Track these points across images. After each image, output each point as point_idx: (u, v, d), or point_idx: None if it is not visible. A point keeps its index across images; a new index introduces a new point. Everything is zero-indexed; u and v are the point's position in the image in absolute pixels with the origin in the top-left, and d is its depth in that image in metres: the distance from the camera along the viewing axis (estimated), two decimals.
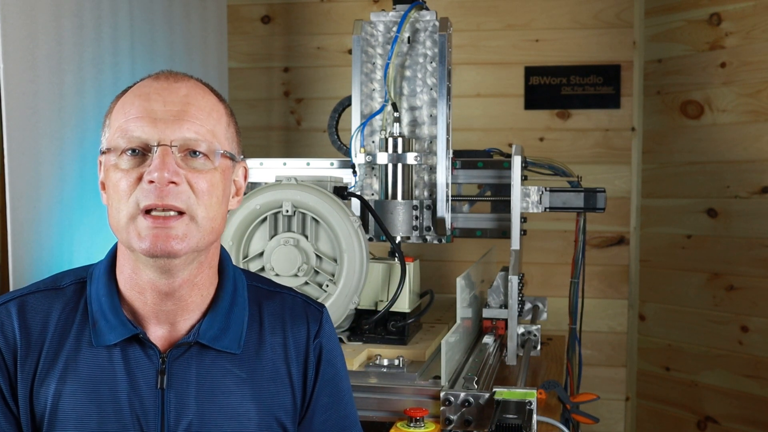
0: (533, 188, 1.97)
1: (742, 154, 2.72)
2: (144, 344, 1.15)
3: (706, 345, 2.84)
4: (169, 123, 1.09)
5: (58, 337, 1.15)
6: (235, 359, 1.18)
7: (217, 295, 1.20)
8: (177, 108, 1.10)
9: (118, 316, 1.14)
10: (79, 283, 1.20)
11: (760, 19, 2.66)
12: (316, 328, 1.25)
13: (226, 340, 1.17)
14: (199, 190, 1.10)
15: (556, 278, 2.97)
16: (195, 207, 1.09)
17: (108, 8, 2.16)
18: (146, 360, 1.14)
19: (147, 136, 1.08)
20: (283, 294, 1.28)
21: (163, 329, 1.16)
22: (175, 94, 1.11)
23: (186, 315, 1.17)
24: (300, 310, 1.26)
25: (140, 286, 1.15)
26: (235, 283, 1.23)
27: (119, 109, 1.13)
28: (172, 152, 1.08)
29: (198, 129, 1.10)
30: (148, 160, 1.08)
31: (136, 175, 1.08)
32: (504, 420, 1.42)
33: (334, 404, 1.26)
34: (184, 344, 1.16)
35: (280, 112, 3.33)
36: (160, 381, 1.14)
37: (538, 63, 3.09)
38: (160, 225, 1.07)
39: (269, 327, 1.23)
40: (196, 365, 1.16)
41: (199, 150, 1.10)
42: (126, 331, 1.13)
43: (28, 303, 1.17)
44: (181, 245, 1.09)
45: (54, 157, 1.90)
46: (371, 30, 2.10)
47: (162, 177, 1.06)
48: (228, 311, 1.19)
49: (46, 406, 1.12)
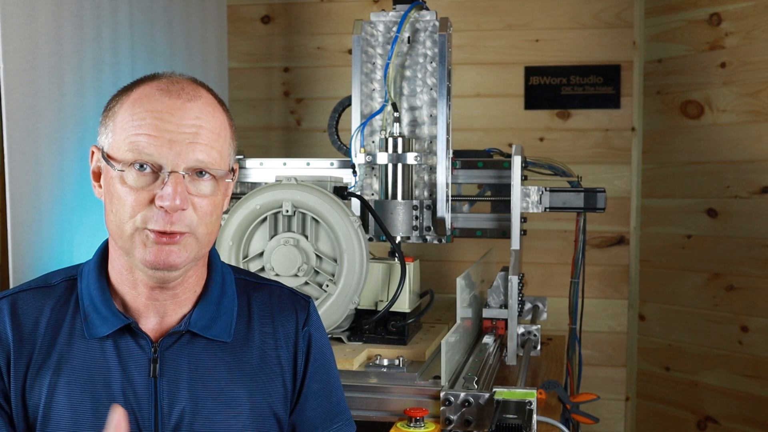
0: (533, 188, 1.97)
1: (742, 154, 2.72)
2: (136, 334, 1.17)
3: (706, 345, 2.84)
4: (183, 146, 1.10)
5: (50, 332, 1.17)
6: (226, 348, 1.21)
7: (207, 287, 1.23)
8: (190, 131, 1.12)
9: (109, 308, 1.17)
10: (69, 280, 1.22)
11: (760, 19, 2.66)
12: (304, 317, 1.29)
13: (217, 329, 1.20)
14: (203, 212, 1.13)
15: (556, 278, 2.97)
16: (197, 227, 1.13)
17: (108, 8, 2.16)
18: (138, 350, 1.17)
19: (161, 158, 1.10)
20: (270, 286, 1.32)
21: (155, 320, 1.19)
22: (189, 115, 1.12)
23: (177, 308, 1.20)
24: (287, 300, 1.30)
25: (132, 281, 1.17)
26: (224, 277, 1.27)
27: (127, 117, 1.13)
28: (183, 178, 1.10)
29: (209, 152, 1.13)
30: (157, 180, 1.10)
31: (146, 196, 1.10)
32: (504, 420, 1.42)
33: (324, 391, 1.29)
34: (176, 333, 1.18)
35: (280, 112, 3.33)
36: (152, 370, 1.16)
37: (538, 63, 3.09)
38: (165, 242, 1.11)
39: (258, 317, 1.26)
40: (187, 354, 1.18)
41: (207, 171, 1.13)
42: (118, 322, 1.16)
43: (19, 301, 1.19)
44: (180, 259, 1.13)
45: (54, 157, 1.90)
46: (371, 30, 2.10)
47: (174, 205, 1.09)
48: (218, 302, 1.23)
49: (40, 400, 1.14)
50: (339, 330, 1.85)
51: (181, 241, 1.12)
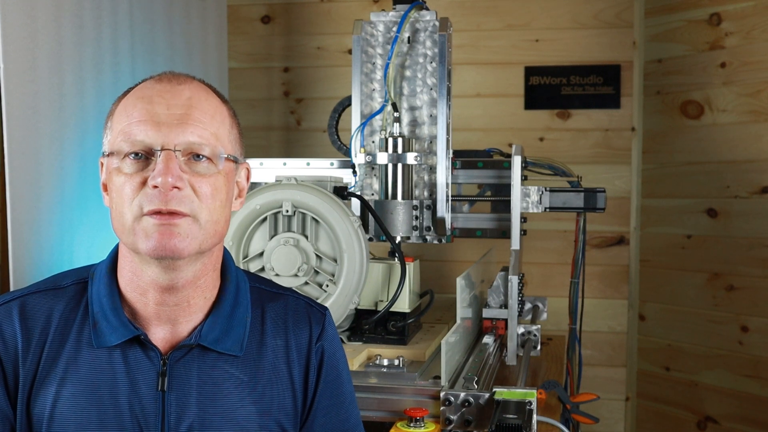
0: (533, 188, 1.97)
1: (742, 154, 2.72)
2: (145, 346, 1.14)
3: (706, 345, 2.84)
4: (172, 127, 1.09)
5: (59, 337, 1.14)
6: (236, 361, 1.17)
7: (220, 297, 1.20)
8: (180, 111, 1.10)
9: (119, 317, 1.14)
10: (80, 283, 1.19)
11: (760, 19, 2.66)
12: (318, 331, 1.25)
13: (228, 343, 1.17)
14: (203, 194, 1.10)
15: (556, 278, 2.97)
16: (198, 210, 1.09)
17: (108, 8, 2.16)
18: (147, 362, 1.14)
19: (150, 140, 1.08)
20: (286, 296, 1.28)
21: (165, 331, 1.16)
22: (179, 97, 1.11)
23: (188, 316, 1.16)
24: (303, 312, 1.26)
25: (141, 287, 1.14)
26: (238, 285, 1.22)
27: (121, 111, 1.13)
28: (175, 157, 1.08)
29: (201, 133, 1.10)
30: (151, 164, 1.08)
31: (140, 180, 1.08)
32: (504, 420, 1.42)
33: (335, 407, 1.26)
34: (186, 346, 1.15)
35: (280, 112, 3.33)
36: (161, 383, 1.13)
37: (538, 63, 3.09)
38: (165, 222, 1.07)
39: (271, 329, 1.22)
40: (197, 367, 1.15)
41: (202, 154, 1.10)
42: (127, 332, 1.13)
43: (29, 303, 1.16)
44: (184, 244, 1.08)
45: (54, 157, 1.90)
46: (371, 30, 2.10)
47: (166, 182, 1.06)
48: (230, 313, 1.19)
49: (45, 407, 1.12)
50: (339, 330, 1.85)
51: (181, 223, 1.08)
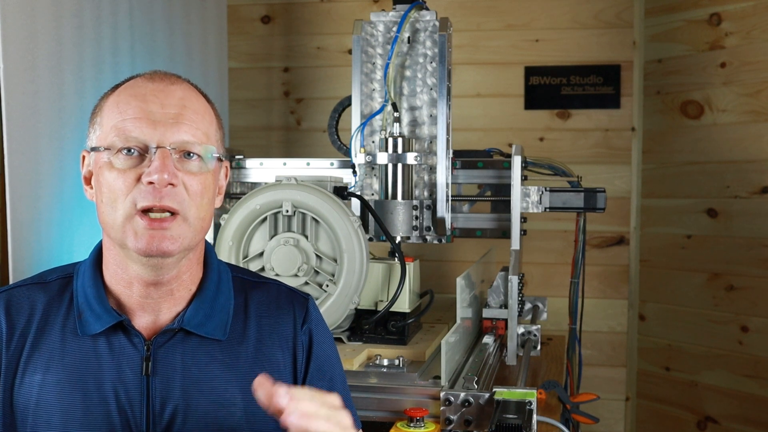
0: (533, 188, 1.97)
1: (742, 154, 2.72)
2: (129, 332, 1.17)
3: (706, 345, 2.84)
4: (167, 126, 1.12)
5: (42, 327, 1.17)
6: (220, 345, 1.20)
7: (202, 285, 1.22)
8: (174, 111, 1.13)
9: (103, 305, 1.17)
10: (65, 278, 1.23)
11: (760, 19, 2.66)
12: (302, 315, 1.27)
13: (211, 326, 1.19)
14: (193, 191, 1.13)
15: (556, 278, 2.97)
16: (188, 208, 1.13)
17: (108, 8, 2.16)
18: (131, 347, 1.16)
19: (146, 138, 1.11)
20: (268, 284, 1.31)
21: (148, 318, 1.18)
22: (172, 96, 1.15)
23: (171, 306, 1.19)
24: (285, 298, 1.29)
25: (126, 280, 1.17)
26: (219, 275, 1.26)
27: (112, 107, 1.15)
28: (170, 154, 1.11)
29: (194, 132, 1.14)
30: (145, 161, 1.11)
31: (134, 176, 1.11)
32: (504, 420, 1.42)
33: (327, 390, 1.26)
34: (170, 331, 1.17)
35: (280, 112, 3.33)
36: (145, 367, 1.15)
37: (538, 63, 3.09)
38: (156, 227, 1.11)
39: (255, 315, 1.25)
40: (181, 351, 1.17)
41: (194, 152, 1.14)
42: (111, 319, 1.16)
43: (13, 296, 1.20)
44: (174, 245, 1.12)
45: (54, 157, 1.90)
46: (371, 30, 2.10)
47: (162, 179, 1.09)
48: (213, 300, 1.22)
49: (30, 395, 1.14)
50: (339, 330, 1.85)
51: (172, 225, 1.11)
